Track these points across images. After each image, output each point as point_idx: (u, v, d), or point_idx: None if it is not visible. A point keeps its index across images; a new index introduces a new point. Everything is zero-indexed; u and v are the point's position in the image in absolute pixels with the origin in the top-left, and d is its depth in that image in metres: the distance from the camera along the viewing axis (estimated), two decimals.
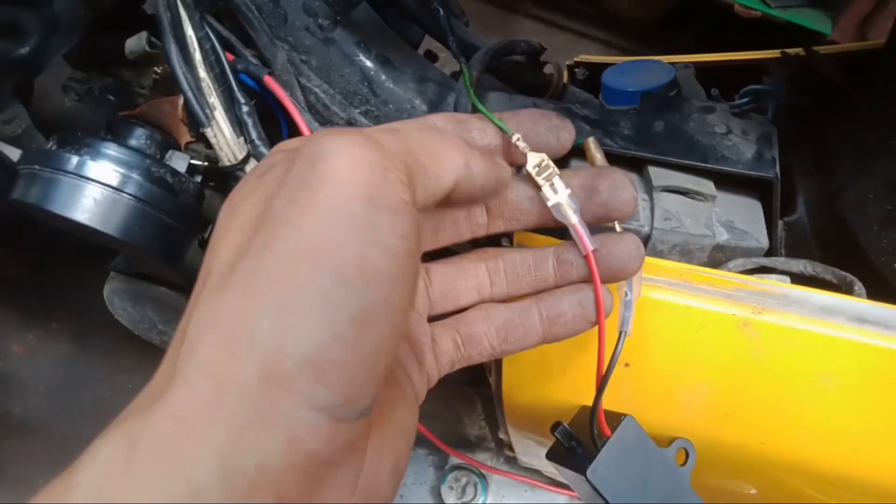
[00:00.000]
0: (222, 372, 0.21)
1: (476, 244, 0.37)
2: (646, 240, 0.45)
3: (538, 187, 0.32)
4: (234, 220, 0.24)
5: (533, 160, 0.32)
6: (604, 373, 0.34)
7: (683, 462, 0.38)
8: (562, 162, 0.48)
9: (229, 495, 0.20)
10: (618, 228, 0.34)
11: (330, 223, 0.21)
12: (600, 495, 0.35)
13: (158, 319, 0.66)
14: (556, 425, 0.37)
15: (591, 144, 0.37)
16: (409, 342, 0.33)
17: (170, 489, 0.19)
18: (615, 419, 0.37)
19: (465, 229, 0.34)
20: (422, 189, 0.24)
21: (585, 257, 0.32)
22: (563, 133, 0.34)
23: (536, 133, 0.33)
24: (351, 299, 0.21)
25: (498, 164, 0.29)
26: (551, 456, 0.38)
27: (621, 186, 0.32)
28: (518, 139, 0.32)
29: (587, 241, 0.31)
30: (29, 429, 1.09)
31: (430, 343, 0.34)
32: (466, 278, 0.34)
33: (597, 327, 0.33)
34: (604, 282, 0.32)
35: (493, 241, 0.39)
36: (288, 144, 0.28)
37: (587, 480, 0.34)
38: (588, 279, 0.33)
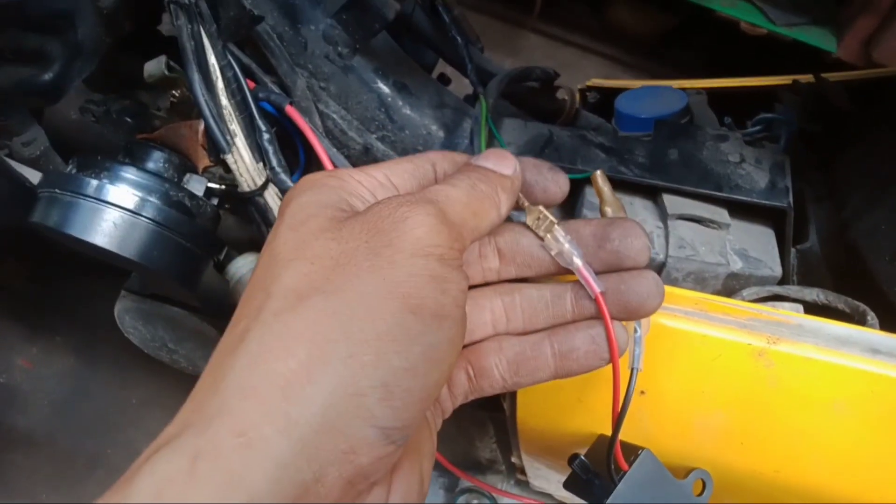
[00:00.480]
0: (296, 385, 0.22)
1: None
2: (660, 268, 0.45)
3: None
4: (303, 251, 0.26)
5: (532, 214, 0.33)
6: (619, 411, 0.34)
7: (700, 492, 0.38)
8: (580, 191, 0.49)
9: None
10: None
11: (410, 274, 0.25)
12: None
13: (169, 338, 0.66)
14: (573, 458, 0.37)
15: (599, 178, 0.38)
16: None
17: (227, 499, 0.21)
18: (632, 452, 0.37)
19: (475, 272, 0.34)
20: (470, 240, 0.29)
21: (595, 300, 0.32)
22: (552, 186, 0.34)
23: (523, 182, 0.34)
24: (426, 335, 0.24)
25: (517, 188, 0.32)
26: (569, 486, 0.38)
27: (632, 234, 0.32)
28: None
29: (594, 284, 0.32)
30: (33, 442, 1.08)
31: None
32: (482, 313, 0.34)
33: (609, 365, 0.33)
34: (622, 319, 0.33)
35: None
36: (323, 181, 0.29)
37: None
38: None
